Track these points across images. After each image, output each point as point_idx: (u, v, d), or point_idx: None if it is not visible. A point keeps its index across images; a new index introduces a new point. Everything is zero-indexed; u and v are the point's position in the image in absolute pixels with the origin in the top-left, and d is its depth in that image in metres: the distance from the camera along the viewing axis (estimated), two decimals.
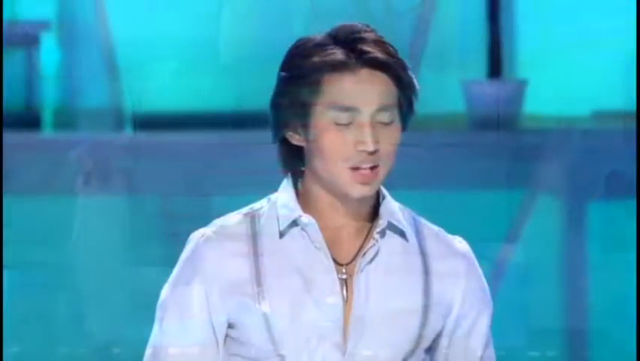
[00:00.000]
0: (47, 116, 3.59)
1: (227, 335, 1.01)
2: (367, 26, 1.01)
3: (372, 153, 0.95)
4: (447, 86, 3.39)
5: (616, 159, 3.40)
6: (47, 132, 3.67)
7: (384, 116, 0.97)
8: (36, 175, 3.33)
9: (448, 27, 3.48)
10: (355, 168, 0.95)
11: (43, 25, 3.59)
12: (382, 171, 0.97)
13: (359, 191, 0.97)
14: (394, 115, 0.99)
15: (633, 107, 3.46)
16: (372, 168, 0.96)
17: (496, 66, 3.41)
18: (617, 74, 3.51)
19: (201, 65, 3.59)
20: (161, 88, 3.60)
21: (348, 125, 0.96)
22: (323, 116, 0.97)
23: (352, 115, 0.96)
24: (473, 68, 3.53)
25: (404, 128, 1.00)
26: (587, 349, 3.34)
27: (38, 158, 3.35)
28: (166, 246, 3.46)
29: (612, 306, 3.31)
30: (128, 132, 3.59)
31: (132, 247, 3.40)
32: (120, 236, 3.43)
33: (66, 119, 3.61)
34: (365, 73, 0.97)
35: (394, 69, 0.98)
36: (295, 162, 1.02)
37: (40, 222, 3.35)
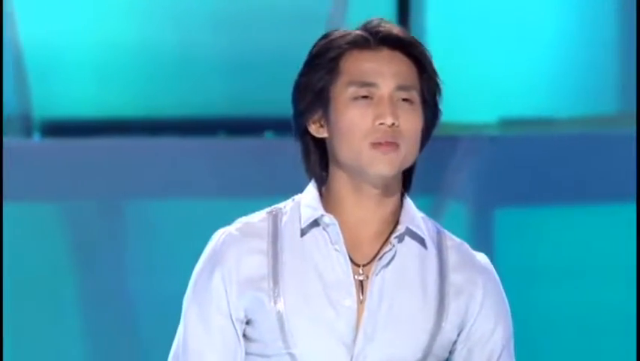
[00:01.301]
0: None
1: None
2: (384, 19, 1.02)
3: (392, 128, 0.95)
4: None
5: (524, 166, 3.44)
6: None
7: (404, 95, 0.97)
8: None
9: None
10: (376, 144, 0.95)
11: None
12: (403, 151, 0.96)
13: (381, 168, 0.96)
14: (414, 97, 0.99)
15: (542, 113, 3.52)
16: (391, 144, 0.96)
17: None
18: (525, 81, 3.55)
19: (110, 70, 3.53)
20: (70, 93, 3.53)
21: (367, 100, 0.97)
22: (343, 95, 0.98)
23: (372, 90, 0.97)
24: None
25: (427, 118, 1.00)
26: None
27: None
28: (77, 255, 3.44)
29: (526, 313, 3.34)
30: (36, 138, 3.52)
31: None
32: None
33: None
34: (385, 51, 0.98)
35: (414, 50, 0.99)
36: (318, 161, 1.03)
37: None
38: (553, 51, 3.61)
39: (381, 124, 0.95)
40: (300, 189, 1.06)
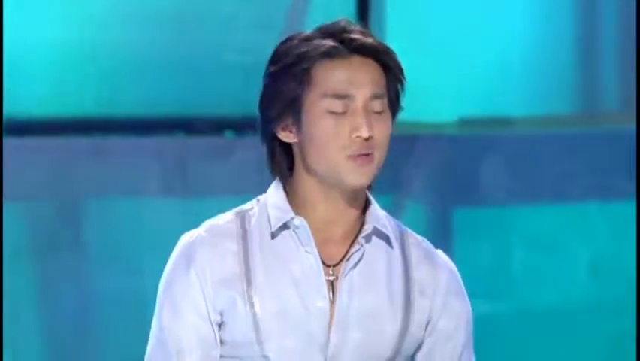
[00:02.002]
0: None
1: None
2: (350, 21, 1.02)
3: (367, 140, 0.96)
4: None
5: (483, 165, 3.46)
6: None
7: (377, 105, 0.98)
8: None
9: None
10: (352, 157, 0.96)
11: None
12: (376, 160, 0.98)
13: (357, 179, 0.98)
14: (385, 104, 1.00)
15: (501, 113, 3.54)
16: (367, 155, 0.97)
17: None
18: (484, 81, 3.58)
19: (67, 69, 3.49)
20: (26, 93, 3.49)
21: (342, 113, 0.97)
22: (316, 106, 0.98)
23: (346, 102, 0.97)
24: None
25: (393, 122, 1.02)
26: None
27: None
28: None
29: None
30: None
31: None
32: None
33: None
34: (356, 60, 0.98)
35: (384, 56, 0.99)
36: (284, 162, 1.03)
37: None
38: (513, 50, 3.63)
39: (357, 137, 0.96)
40: (262, 189, 1.06)
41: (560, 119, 3.65)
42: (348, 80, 0.97)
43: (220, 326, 1.00)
